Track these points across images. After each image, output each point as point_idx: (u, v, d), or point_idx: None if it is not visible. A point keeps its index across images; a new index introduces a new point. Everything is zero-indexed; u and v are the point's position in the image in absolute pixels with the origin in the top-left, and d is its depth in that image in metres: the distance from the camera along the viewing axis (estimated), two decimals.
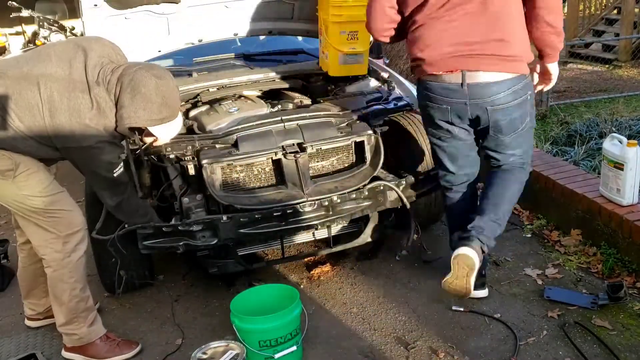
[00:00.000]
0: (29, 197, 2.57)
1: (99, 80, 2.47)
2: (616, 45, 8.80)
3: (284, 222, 2.95)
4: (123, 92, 2.47)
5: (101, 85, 2.47)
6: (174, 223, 2.90)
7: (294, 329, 2.67)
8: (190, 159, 3.03)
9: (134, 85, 2.46)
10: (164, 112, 2.55)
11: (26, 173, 2.55)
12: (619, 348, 2.64)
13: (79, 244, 2.72)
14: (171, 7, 3.58)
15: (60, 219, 2.65)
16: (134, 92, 2.46)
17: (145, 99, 2.48)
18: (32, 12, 7.48)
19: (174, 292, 3.41)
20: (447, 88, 2.72)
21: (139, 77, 2.47)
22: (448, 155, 2.94)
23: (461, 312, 2.99)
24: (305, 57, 4.21)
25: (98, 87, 2.47)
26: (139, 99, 2.47)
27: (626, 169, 3.18)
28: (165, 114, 2.57)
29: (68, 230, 2.67)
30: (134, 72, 2.49)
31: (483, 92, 2.67)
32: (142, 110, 2.49)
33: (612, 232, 3.26)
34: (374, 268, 3.48)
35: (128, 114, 2.49)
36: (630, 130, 4.96)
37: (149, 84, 2.48)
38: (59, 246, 2.67)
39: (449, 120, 2.80)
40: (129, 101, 2.47)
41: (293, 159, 3.05)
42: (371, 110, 3.32)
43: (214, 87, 3.61)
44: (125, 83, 2.47)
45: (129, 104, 2.48)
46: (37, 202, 2.59)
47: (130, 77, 2.47)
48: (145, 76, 2.48)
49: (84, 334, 2.81)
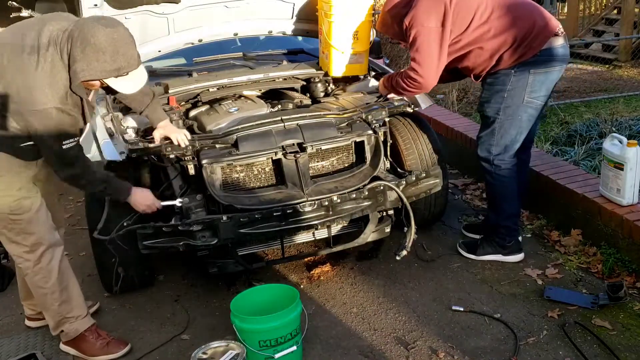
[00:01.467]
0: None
1: (50, 41, 2.40)
2: (616, 45, 8.80)
3: (284, 222, 2.95)
4: (74, 47, 2.39)
5: (51, 45, 2.40)
6: (174, 223, 2.90)
7: (294, 329, 2.67)
8: (190, 159, 3.03)
9: (83, 37, 2.37)
10: (118, 62, 2.43)
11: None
12: (619, 348, 2.64)
13: (46, 250, 2.70)
14: (171, 7, 3.58)
15: (21, 227, 2.63)
16: (84, 43, 2.37)
17: (96, 49, 2.38)
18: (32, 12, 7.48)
19: (174, 292, 3.41)
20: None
21: (87, 28, 2.38)
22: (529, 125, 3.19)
23: (461, 312, 3.00)
24: (305, 57, 4.21)
25: (47, 46, 2.40)
26: (90, 50, 2.38)
27: (626, 169, 3.18)
28: (120, 63, 2.44)
29: (30, 238, 2.66)
30: (82, 24, 2.41)
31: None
32: (95, 61, 2.39)
33: (612, 232, 3.26)
34: (374, 268, 3.48)
35: (81, 67, 2.39)
36: (630, 130, 4.96)
37: (98, 33, 2.38)
38: (27, 255, 2.68)
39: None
40: (80, 54, 2.38)
41: (293, 159, 3.05)
42: (371, 110, 3.32)
43: (214, 87, 3.61)
44: (75, 37, 2.38)
45: (80, 57, 2.38)
46: (3, 207, 2.57)
47: (78, 30, 2.39)
48: (94, 26, 2.39)
49: (69, 329, 2.86)
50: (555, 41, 3.05)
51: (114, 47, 2.41)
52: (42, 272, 2.71)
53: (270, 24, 3.98)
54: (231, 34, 3.92)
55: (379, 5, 8.95)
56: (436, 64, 3.04)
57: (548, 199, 3.75)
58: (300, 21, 4.00)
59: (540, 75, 3.06)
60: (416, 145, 3.50)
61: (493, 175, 3.28)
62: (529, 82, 3.06)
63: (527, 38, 3.01)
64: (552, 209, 3.75)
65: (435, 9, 3.00)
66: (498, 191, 3.33)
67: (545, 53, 3.04)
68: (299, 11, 3.95)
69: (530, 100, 3.10)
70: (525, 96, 3.08)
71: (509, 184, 3.29)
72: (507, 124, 3.15)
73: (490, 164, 3.25)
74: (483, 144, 3.26)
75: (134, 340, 2.99)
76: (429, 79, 3.08)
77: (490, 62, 3.10)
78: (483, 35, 3.03)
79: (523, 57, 3.03)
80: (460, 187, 4.50)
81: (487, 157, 3.25)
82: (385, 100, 3.44)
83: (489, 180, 3.33)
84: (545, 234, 3.67)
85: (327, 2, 3.52)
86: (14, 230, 2.64)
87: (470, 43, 3.07)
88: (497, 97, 3.13)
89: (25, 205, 2.62)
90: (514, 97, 3.09)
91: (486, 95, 3.19)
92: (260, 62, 4.07)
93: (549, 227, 3.72)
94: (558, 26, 3.08)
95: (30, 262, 2.69)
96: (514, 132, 3.17)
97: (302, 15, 3.96)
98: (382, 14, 3.30)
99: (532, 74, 3.05)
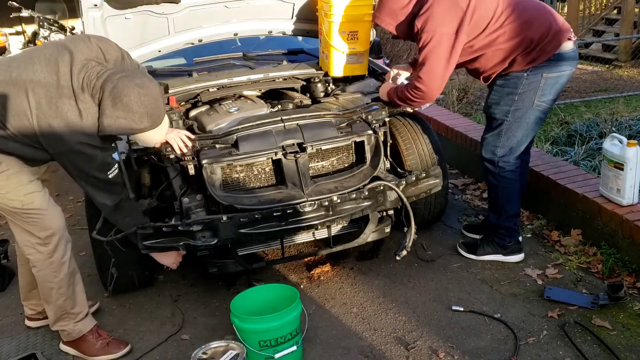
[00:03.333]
0: (9, 196, 2.58)
1: (84, 86, 2.46)
2: (616, 45, 8.80)
3: (284, 222, 2.95)
4: (105, 100, 2.45)
5: (86, 90, 2.46)
6: (174, 223, 2.90)
7: (294, 329, 2.67)
8: (190, 159, 3.03)
9: (115, 93, 2.43)
10: (145, 122, 2.52)
11: (7, 173, 2.55)
12: (619, 348, 2.64)
13: (59, 243, 2.72)
14: (171, 7, 3.58)
15: (37, 220, 2.65)
16: (115, 100, 2.44)
17: (127, 108, 2.45)
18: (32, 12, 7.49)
19: (174, 292, 3.41)
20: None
21: (121, 85, 2.44)
22: (536, 128, 3.22)
23: (461, 312, 3.00)
24: (305, 57, 4.20)
25: (83, 93, 2.45)
26: (120, 108, 2.45)
27: (626, 169, 3.18)
28: (146, 124, 2.53)
29: (45, 232, 2.67)
30: (117, 79, 2.45)
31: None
32: (122, 119, 2.47)
33: (612, 232, 3.26)
34: (374, 268, 3.48)
35: (108, 122, 2.47)
36: (630, 130, 4.96)
37: (131, 94, 2.44)
38: (40, 247, 2.69)
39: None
40: (110, 110, 2.45)
41: (293, 159, 3.05)
42: (371, 110, 3.32)
43: (214, 87, 3.60)
44: (108, 91, 2.44)
45: (110, 113, 2.46)
46: (15, 202, 2.59)
47: (112, 85, 2.44)
48: (128, 85, 2.45)
49: (72, 329, 2.86)
50: (566, 45, 3.04)
51: (144, 109, 2.49)
52: (54, 265, 2.72)
53: (270, 24, 3.98)
54: (231, 34, 3.92)
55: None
56: (442, 74, 2.99)
57: (548, 199, 3.75)
58: (300, 21, 4.00)
59: (551, 79, 3.06)
60: (416, 145, 3.50)
61: (496, 177, 3.27)
62: (541, 86, 3.05)
63: (541, 42, 2.98)
64: (552, 209, 3.75)
65: (451, 15, 2.92)
66: (500, 192, 3.32)
67: (558, 57, 3.03)
68: (299, 11, 3.94)
69: (539, 104, 3.09)
70: (536, 100, 3.07)
71: (512, 185, 3.29)
72: (515, 126, 3.14)
73: (494, 166, 3.25)
74: (488, 145, 3.25)
75: (134, 340, 2.99)
76: (433, 89, 3.03)
77: (502, 65, 3.08)
78: (497, 39, 3.00)
79: (536, 60, 3.01)
80: (460, 187, 4.50)
81: (492, 158, 3.24)
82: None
83: (491, 181, 3.33)
84: (545, 234, 3.67)
85: (327, 2, 3.52)
86: (29, 224, 2.65)
87: (483, 47, 3.03)
88: (507, 99, 3.11)
89: (37, 198, 2.64)
90: (525, 100, 3.07)
91: (495, 96, 3.16)
92: (260, 62, 4.07)
93: (549, 227, 3.72)
94: (570, 30, 3.07)
95: (43, 255, 2.70)
96: (520, 134, 3.16)
97: (302, 15, 3.96)
98: (387, 6, 3.13)
99: (544, 77, 3.04)
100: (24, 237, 2.70)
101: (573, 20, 9.48)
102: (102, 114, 2.47)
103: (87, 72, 2.47)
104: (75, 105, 2.44)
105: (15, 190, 2.58)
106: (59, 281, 2.75)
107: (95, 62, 2.53)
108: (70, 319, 2.84)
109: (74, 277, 2.83)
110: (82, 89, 2.46)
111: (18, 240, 2.77)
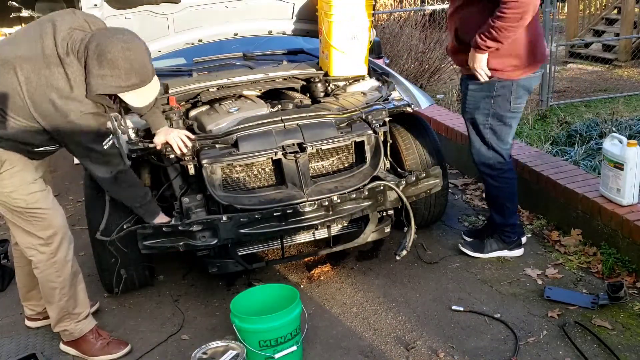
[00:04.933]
0: (13, 195, 2.57)
1: (68, 50, 2.42)
2: (616, 45, 8.79)
3: (284, 222, 2.95)
4: (90, 59, 2.41)
5: (71, 54, 2.42)
6: (174, 223, 2.90)
7: (294, 329, 2.67)
8: (190, 159, 3.03)
9: (99, 51, 2.39)
10: (132, 79, 2.48)
11: (10, 172, 2.54)
12: (619, 348, 2.64)
13: (62, 243, 2.71)
14: (171, 7, 3.58)
15: (40, 220, 2.64)
16: (100, 58, 2.40)
17: (112, 65, 2.41)
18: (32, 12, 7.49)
19: (174, 292, 3.41)
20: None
21: (105, 42, 2.40)
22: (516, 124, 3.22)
23: (461, 312, 3.00)
24: (305, 57, 4.20)
25: (68, 56, 2.41)
26: (105, 66, 2.41)
27: (626, 169, 3.18)
28: (133, 81, 2.49)
29: (47, 231, 2.66)
30: (100, 36, 2.42)
31: None
32: (109, 77, 2.43)
33: (612, 232, 3.26)
34: (374, 268, 3.48)
35: (95, 81, 2.43)
36: (630, 130, 4.96)
37: (114, 49, 2.40)
38: (42, 247, 2.68)
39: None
40: (96, 69, 2.41)
41: (293, 159, 3.05)
42: (371, 110, 3.32)
43: (214, 87, 3.60)
44: (92, 49, 2.40)
45: (96, 71, 2.42)
46: (19, 201, 2.59)
47: (96, 43, 2.40)
48: (112, 41, 2.41)
49: (74, 329, 2.86)
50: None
51: (130, 64, 2.45)
52: (56, 265, 2.71)
53: (270, 24, 3.98)
54: (231, 34, 3.92)
55: (379, 5, 8.97)
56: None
57: (548, 199, 3.75)
58: (300, 21, 4.00)
59: (524, 81, 3.09)
60: (416, 145, 3.50)
61: (497, 179, 3.27)
62: (514, 89, 3.07)
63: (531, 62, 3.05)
64: (552, 209, 3.75)
65: None
66: (502, 193, 3.32)
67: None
68: (299, 11, 3.95)
69: (516, 107, 3.13)
70: (512, 102, 3.10)
71: (512, 183, 3.31)
72: (499, 128, 3.16)
73: (491, 169, 3.26)
74: (479, 153, 3.27)
75: (134, 340, 2.99)
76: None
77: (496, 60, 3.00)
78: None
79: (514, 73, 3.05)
80: (460, 187, 4.50)
81: (487, 162, 3.25)
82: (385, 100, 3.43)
83: (492, 183, 3.32)
84: (545, 234, 3.67)
85: (327, 2, 3.52)
86: (31, 223, 2.64)
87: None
88: (484, 103, 3.13)
89: (41, 198, 2.64)
90: (501, 102, 3.10)
91: (472, 101, 3.18)
92: (260, 62, 4.07)
93: (549, 227, 3.72)
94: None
95: (45, 255, 2.69)
96: (504, 134, 3.18)
97: (302, 15, 3.96)
98: None
99: (516, 81, 3.06)
100: (25, 239, 2.69)
101: (573, 20, 9.48)
102: (89, 73, 2.42)
103: (72, 38, 2.44)
104: (64, 72, 2.41)
105: (20, 189, 2.58)
106: (62, 281, 2.74)
107: (79, 30, 2.49)
108: (72, 319, 2.84)
109: (77, 277, 2.83)
110: (67, 54, 2.42)
111: (19, 243, 2.75)
